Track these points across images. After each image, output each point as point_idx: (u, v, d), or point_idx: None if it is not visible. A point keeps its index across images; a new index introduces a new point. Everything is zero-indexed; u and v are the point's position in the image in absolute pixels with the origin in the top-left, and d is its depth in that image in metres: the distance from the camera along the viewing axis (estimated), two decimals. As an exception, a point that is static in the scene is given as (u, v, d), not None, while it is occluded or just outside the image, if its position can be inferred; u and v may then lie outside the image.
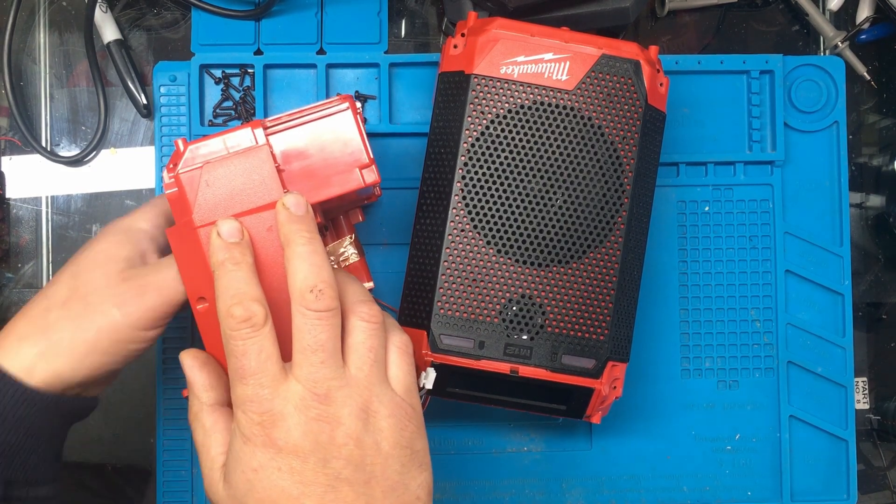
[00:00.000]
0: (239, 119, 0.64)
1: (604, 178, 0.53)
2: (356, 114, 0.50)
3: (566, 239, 0.53)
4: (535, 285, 0.52)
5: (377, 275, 0.63)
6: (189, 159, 0.47)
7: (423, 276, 0.53)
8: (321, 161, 0.50)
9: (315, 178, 0.49)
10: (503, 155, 0.53)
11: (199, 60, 0.64)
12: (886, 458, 0.69)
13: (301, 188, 0.49)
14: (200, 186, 0.47)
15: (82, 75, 0.67)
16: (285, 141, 0.49)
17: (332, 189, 0.50)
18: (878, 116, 0.70)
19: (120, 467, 0.65)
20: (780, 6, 0.70)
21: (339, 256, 0.58)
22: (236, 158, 0.47)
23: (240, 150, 0.47)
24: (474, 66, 0.53)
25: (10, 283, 0.66)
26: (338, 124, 0.50)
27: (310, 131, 0.50)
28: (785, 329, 0.65)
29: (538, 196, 0.53)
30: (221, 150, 0.47)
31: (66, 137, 0.67)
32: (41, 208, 0.66)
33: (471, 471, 0.63)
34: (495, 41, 0.54)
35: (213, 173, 0.47)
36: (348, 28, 0.65)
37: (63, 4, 0.67)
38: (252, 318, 0.41)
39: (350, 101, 0.50)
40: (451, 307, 0.52)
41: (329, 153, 0.50)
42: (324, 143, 0.50)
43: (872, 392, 0.68)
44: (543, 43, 0.54)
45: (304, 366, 0.42)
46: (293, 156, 0.49)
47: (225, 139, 0.48)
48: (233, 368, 0.42)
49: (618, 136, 0.53)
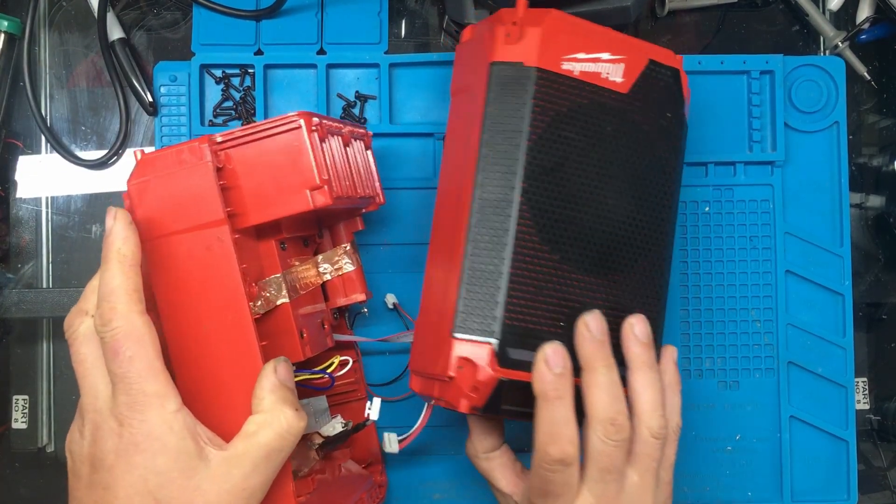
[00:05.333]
0: (239, 119, 0.64)
1: (652, 184, 0.52)
2: (311, 132, 0.48)
3: (622, 246, 0.50)
4: (594, 294, 0.50)
5: (379, 275, 0.63)
6: (139, 171, 0.46)
7: (485, 286, 0.48)
8: (271, 180, 0.47)
9: (264, 197, 0.47)
10: (563, 156, 0.49)
11: (199, 60, 0.64)
12: (886, 458, 0.69)
13: (249, 207, 0.47)
14: (145, 199, 0.46)
15: (82, 75, 0.67)
16: (237, 157, 0.47)
17: (280, 209, 0.47)
18: (878, 116, 0.70)
19: (120, 467, 0.65)
20: (780, 6, 0.70)
21: (334, 265, 0.57)
22: (181, 173, 0.45)
23: (186, 165, 0.45)
24: (537, 58, 0.49)
25: (10, 283, 0.66)
26: (290, 142, 0.47)
27: (261, 148, 0.47)
28: (785, 329, 0.65)
29: (595, 201, 0.50)
30: (172, 164, 0.46)
31: (67, 137, 0.67)
32: (41, 208, 0.66)
33: (472, 470, 0.63)
34: (558, 34, 0.50)
35: (156, 189, 0.45)
36: (349, 28, 0.65)
37: (63, 5, 0.67)
38: (566, 459, 0.44)
39: (306, 117, 0.48)
40: (519, 319, 0.48)
41: (280, 172, 0.47)
42: (275, 161, 0.47)
43: (872, 392, 0.68)
44: (601, 41, 0.51)
45: (599, 482, 0.45)
46: (244, 173, 0.47)
47: (176, 152, 0.46)
48: (535, 486, 0.46)
49: (662, 143, 0.52)
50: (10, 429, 0.66)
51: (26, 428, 0.65)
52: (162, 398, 0.41)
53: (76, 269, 0.66)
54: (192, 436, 0.42)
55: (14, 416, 0.65)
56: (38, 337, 0.66)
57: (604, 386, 0.45)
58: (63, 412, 0.66)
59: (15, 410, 0.65)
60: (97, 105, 0.67)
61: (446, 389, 0.47)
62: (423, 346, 0.50)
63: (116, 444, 0.41)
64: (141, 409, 0.41)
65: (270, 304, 0.50)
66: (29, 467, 0.66)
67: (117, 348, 0.41)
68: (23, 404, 0.65)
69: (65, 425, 0.66)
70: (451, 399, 0.47)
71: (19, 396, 0.66)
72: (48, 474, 0.66)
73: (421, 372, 0.50)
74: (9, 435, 0.65)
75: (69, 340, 0.44)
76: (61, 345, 0.66)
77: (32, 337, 0.66)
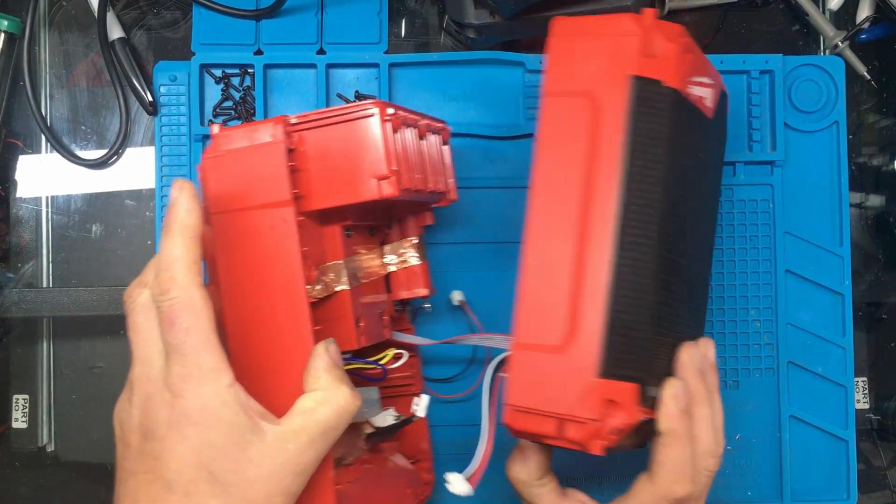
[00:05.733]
0: (239, 119, 0.64)
1: (714, 211, 0.52)
2: (384, 121, 0.47)
3: (700, 275, 0.50)
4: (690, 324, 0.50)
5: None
6: (216, 146, 0.46)
7: (632, 326, 0.45)
8: (341, 165, 0.47)
9: (332, 182, 0.47)
10: (685, 189, 0.48)
11: (199, 60, 0.64)
12: (886, 458, 0.69)
13: (316, 191, 0.47)
14: (217, 174, 0.46)
15: (82, 75, 0.67)
16: (309, 140, 0.47)
17: (347, 196, 0.47)
18: (878, 116, 0.70)
19: (120, 467, 0.65)
20: (780, 6, 0.70)
21: (399, 257, 0.56)
22: (253, 152, 0.45)
23: (258, 144, 0.46)
24: (673, 77, 0.46)
25: (10, 283, 0.66)
26: (363, 129, 0.47)
27: (335, 133, 0.47)
28: (785, 329, 0.65)
29: (698, 228, 0.49)
30: (245, 142, 0.46)
31: (67, 137, 0.67)
32: (41, 208, 0.66)
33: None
34: (686, 52, 0.47)
35: (230, 164, 0.46)
36: (348, 28, 0.65)
37: (63, 4, 0.67)
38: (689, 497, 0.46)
39: (381, 106, 0.47)
40: (652, 357, 0.46)
41: (349, 159, 0.47)
42: (347, 147, 0.47)
43: (872, 392, 0.68)
44: (704, 63, 0.49)
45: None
46: (315, 156, 0.47)
47: (250, 130, 0.46)
48: None
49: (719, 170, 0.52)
50: (10, 428, 0.66)
51: (26, 427, 0.65)
52: (216, 372, 0.41)
53: (76, 269, 0.66)
54: (244, 410, 0.41)
55: (14, 415, 0.65)
56: (38, 337, 0.66)
57: (708, 420, 0.47)
58: (63, 412, 0.66)
59: (15, 410, 0.65)
60: (97, 105, 0.67)
61: (579, 431, 0.45)
62: (543, 384, 0.46)
63: (168, 415, 0.41)
64: (195, 381, 0.41)
65: (329, 290, 0.50)
66: (29, 467, 0.66)
67: (174, 318, 0.41)
68: (23, 404, 0.66)
69: (65, 425, 0.66)
70: (584, 440, 0.45)
71: (19, 396, 0.66)
72: (48, 474, 0.66)
73: (536, 410, 0.46)
74: (9, 434, 0.66)
75: (127, 311, 0.43)
76: (61, 344, 0.66)
77: (32, 337, 0.66)
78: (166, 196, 0.63)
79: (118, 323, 0.66)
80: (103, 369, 0.66)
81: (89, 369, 0.66)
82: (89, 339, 0.66)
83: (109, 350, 0.66)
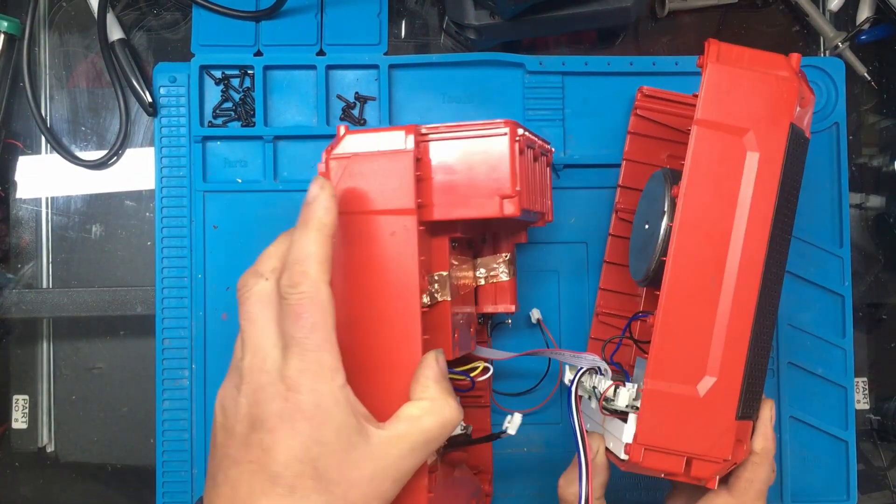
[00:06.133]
0: (238, 120, 0.64)
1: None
2: (514, 141, 0.48)
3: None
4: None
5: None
6: (343, 147, 0.47)
7: (759, 366, 0.48)
8: (466, 180, 0.48)
9: (455, 195, 0.48)
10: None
11: (199, 61, 0.64)
12: (886, 458, 0.69)
13: (439, 201, 0.48)
14: (343, 176, 0.46)
15: (82, 76, 0.67)
16: (437, 151, 0.48)
17: (469, 210, 0.48)
18: (878, 117, 0.70)
19: (120, 467, 0.65)
20: (780, 6, 0.70)
21: (490, 272, 0.57)
22: (381, 157, 0.46)
23: (387, 151, 0.46)
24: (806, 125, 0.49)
25: (10, 283, 0.66)
26: (492, 147, 0.48)
27: (462, 147, 0.48)
28: (785, 330, 0.65)
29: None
30: (372, 146, 0.47)
31: (66, 138, 0.67)
32: (41, 208, 0.66)
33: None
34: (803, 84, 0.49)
35: (357, 166, 0.46)
36: (348, 29, 0.65)
37: (63, 5, 0.67)
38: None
39: (513, 126, 0.48)
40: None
41: (475, 174, 0.48)
42: (473, 162, 0.48)
43: (872, 392, 0.68)
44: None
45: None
46: (440, 168, 0.48)
47: (379, 136, 0.47)
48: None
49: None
50: (11, 429, 0.66)
51: (26, 428, 0.66)
52: (333, 371, 0.41)
53: (76, 269, 0.66)
54: (353, 412, 0.42)
55: (14, 415, 0.66)
56: (38, 337, 0.66)
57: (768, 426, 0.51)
58: (63, 412, 0.66)
59: (15, 410, 0.66)
60: (97, 105, 0.67)
61: (708, 469, 0.47)
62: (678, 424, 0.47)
63: (281, 408, 0.41)
64: (313, 377, 0.41)
65: (434, 300, 0.50)
66: (29, 467, 0.66)
67: (301, 312, 0.41)
68: (23, 404, 0.66)
69: (65, 425, 0.66)
70: (708, 476, 0.47)
71: (19, 396, 0.66)
72: (48, 474, 0.66)
73: (666, 449, 0.47)
74: (9, 435, 0.66)
75: (241, 299, 0.44)
76: (61, 345, 0.66)
77: (32, 337, 0.66)
78: (166, 196, 0.63)
79: (118, 323, 0.66)
80: (103, 370, 0.66)
81: (89, 370, 0.66)
82: (89, 340, 0.66)
83: (109, 351, 0.66)
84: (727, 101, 0.47)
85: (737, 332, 0.46)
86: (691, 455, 0.47)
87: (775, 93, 0.46)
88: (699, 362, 0.47)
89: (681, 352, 0.47)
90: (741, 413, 0.47)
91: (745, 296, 0.46)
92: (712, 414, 0.47)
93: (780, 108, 0.46)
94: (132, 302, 0.65)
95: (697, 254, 0.47)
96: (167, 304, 0.63)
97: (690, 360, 0.47)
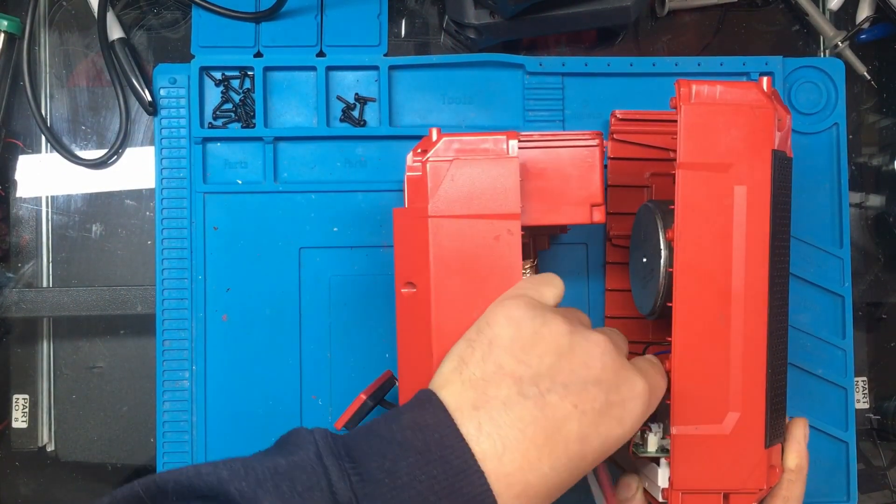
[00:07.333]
0: (238, 121, 0.64)
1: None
2: (601, 152, 0.51)
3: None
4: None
5: (378, 278, 0.63)
6: (441, 150, 0.47)
7: (779, 391, 0.49)
8: (557, 187, 0.50)
9: (546, 202, 0.50)
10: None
11: (199, 62, 0.64)
12: (886, 458, 0.69)
13: (531, 207, 0.50)
14: (445, 179, 0.47)
15: (82, 75, 0.67)
16: (530, 158, 0.50)
17: (559, 217, 0.50)
18: (878, 116, 0.70)
19: (120, 467, 0.66)
20: (780, 6, 0.70)
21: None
22: (487, 162, 0.47)
23: (491, 156, 0.47)
24: (788, 147, 0.49)
25: (10, 283, 0.66)
26: (583, 157, 0.50)
27: (555, 156, 0.50)
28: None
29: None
30: (472, 151, 0.48)
31: (67, 137, 0.67)
32: (41, 208, 0.66)
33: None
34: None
35: (460, 170, 0.47)
36: (348, 30, 0.65)
37: (63, 4, 0.67)
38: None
39: (601, 138, 0.51)
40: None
41: (566, 183, 0.50)
42: (565, 171, 0.50)
43: (872, 392, 0.68)
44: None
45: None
46: (533, 174, 0.50)
47: (481, 141, 0.48)
48: None
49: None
50: (11, 428, 0.66)
51: (26, 427, 0.66)
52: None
53: (76, 269, 0.66)
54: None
55: (14, 415, 0.66)
56: (38, 336, 0.66)
57: (802, 444, 0.52)
58: (63, 412, 0.66)
59: (15, 409, 0.66)
60: (97, 105, 0.67)
61: (745, 500, 0.48)
62: (710, 464, 0.48)
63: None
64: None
65: None
66: (29, 467, 0.66)
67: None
68: (23, 403, 0.66)
69: (65, 425, 0.66)
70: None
71: (19, 396, 0.66)
72: (48, 474, 0.66)
73: (704, 490, 0.48)
74: (9, 434, 0.66)
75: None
76: (61, 344, 0.66)
77: (32, 337, 0.66)
78: (167, 198, 0.63)
79: (118, 323, 0.66)
80: (103, 369, 0.66)
81: (89, 369, 0.66)
82: (89, 339, 0.66)
83: (109, 350, 0.66)
84: (706, 139, 0.46)
85: (752, 364, 0.47)
86: (728, 491, 0.48)
87: (753, 124, 0.46)
88: (721, 400, 0.47)
89: (701, 394, 0.47)
90: (769, 441, 0.47)
91: (755, 327, 0.47)
92: (742, 448, 0.47)
93: (760, 138, 0.46)
94: (132, 301, 0.65)
95: (701, 295, 0.47)
96: (167, 306, 0.63)
97: (712, 399, 0.47)
